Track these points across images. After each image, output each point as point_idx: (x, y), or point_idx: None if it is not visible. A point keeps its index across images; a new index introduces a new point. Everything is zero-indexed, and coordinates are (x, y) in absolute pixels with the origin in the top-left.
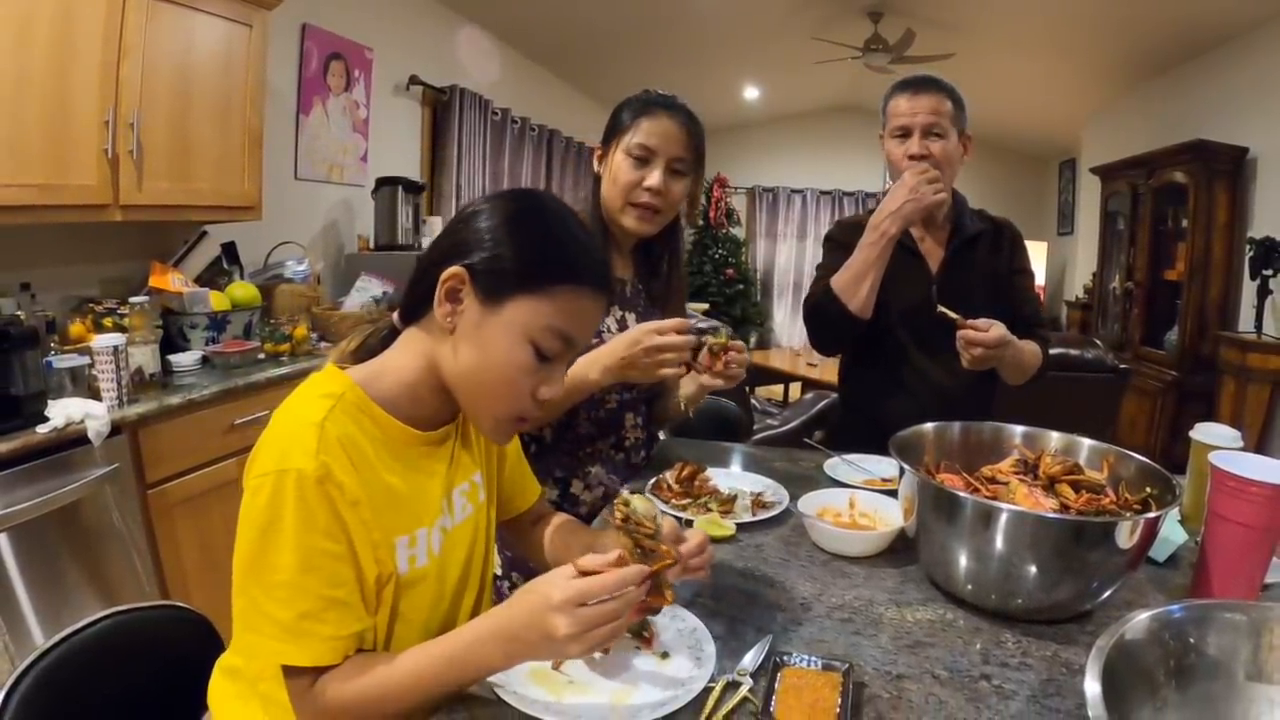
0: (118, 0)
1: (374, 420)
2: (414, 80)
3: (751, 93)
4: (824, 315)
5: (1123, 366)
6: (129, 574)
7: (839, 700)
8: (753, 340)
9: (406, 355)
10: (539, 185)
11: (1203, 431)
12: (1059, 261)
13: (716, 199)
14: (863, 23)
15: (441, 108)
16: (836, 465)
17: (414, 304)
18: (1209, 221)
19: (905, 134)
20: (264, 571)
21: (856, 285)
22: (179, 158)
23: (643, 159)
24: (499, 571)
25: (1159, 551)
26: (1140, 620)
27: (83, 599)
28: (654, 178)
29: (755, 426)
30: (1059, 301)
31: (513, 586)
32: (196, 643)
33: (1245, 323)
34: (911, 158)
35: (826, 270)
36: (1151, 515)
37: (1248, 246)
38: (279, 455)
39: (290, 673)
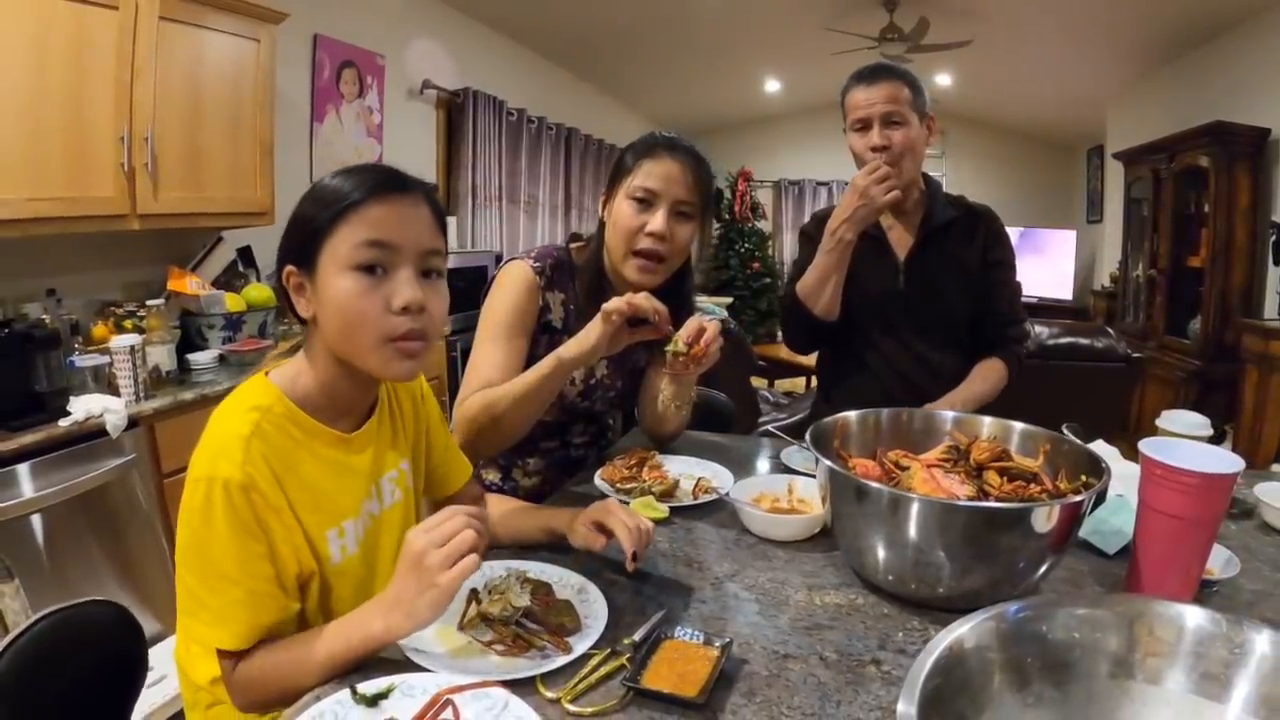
0: (129, 23)
1: (299, 425)
2: (427, 84)
3: (773, 85)
4: (792, 318)
5: (1135, 356)
6: (154, 551)
7: (710, 672)
8: (779, 334)
9: (312, 353)
10: (558, 183)
11: (1170, 419)
12: (1089, 250)
13: (741, 193)
14: (878, 12)
15: (455, 110)
16: (793, 453)
17: (293, 309)
18: (1230, 205)
19: (865, 126)
20: (199, 563)
21: (819, 290)
22: (192, 168)
23: (645, 202)
24: None
25: (1109, 544)
26: (979, 620)
27: (106, 576)
28: (657, 222)
29: (762, 419)
30: (1088, 291)
31: None
32: (124, 632)
33: (1270, 309)
34: (874, 150)
35: (798, 269)
36: (1070, 501)
37: (1270, 231)
38: (210, 462)
39: (221, 655)
